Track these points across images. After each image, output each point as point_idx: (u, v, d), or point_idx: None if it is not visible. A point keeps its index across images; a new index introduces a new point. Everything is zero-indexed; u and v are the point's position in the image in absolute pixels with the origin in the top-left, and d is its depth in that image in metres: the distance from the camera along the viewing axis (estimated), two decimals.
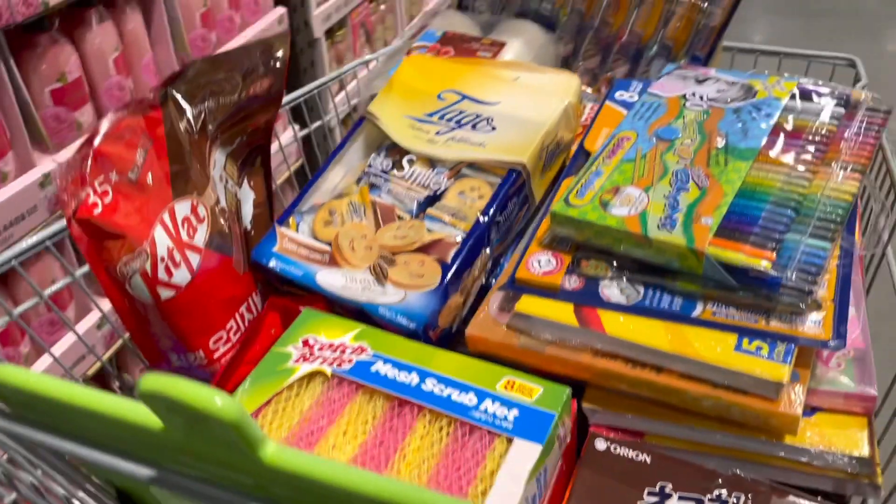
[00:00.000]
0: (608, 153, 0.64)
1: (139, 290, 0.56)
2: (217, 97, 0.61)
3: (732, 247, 0.54)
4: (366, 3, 1.99)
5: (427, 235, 0.63)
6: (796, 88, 0.66)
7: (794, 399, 0.51)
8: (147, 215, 0.56)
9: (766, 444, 0.53)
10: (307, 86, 0.90)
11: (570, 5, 0.97)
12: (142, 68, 1.23)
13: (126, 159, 0.55)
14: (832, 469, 0.53)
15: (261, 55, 0.64)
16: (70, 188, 0.52)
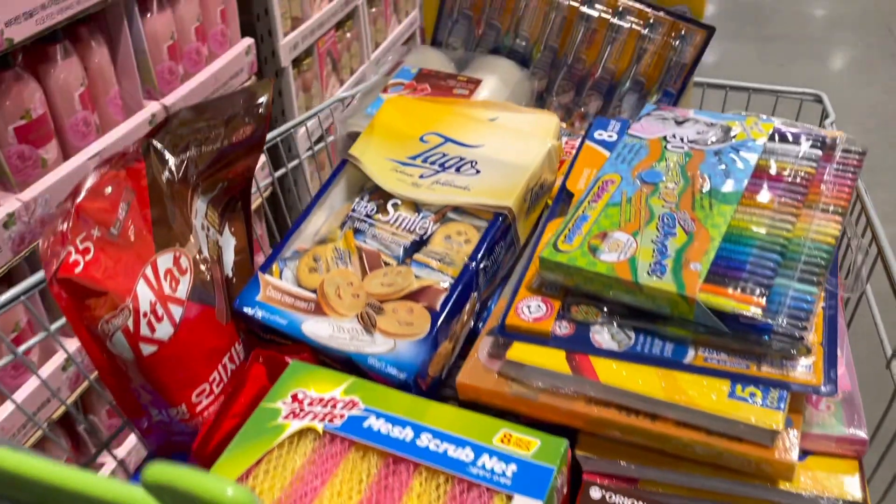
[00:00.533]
0: (593, 196, 0.64)
1: (121, 348, 0.55)
2: (200, 146, 0.59)
3: (723, 293, 0.54)
4: (332, 32, 1.98)
5: (415, 282, 0.62)
6: (774, 130, 0.68)
7: (788, 445, 0.51)
8: (129, 270, 0.54)
9: (760, 489, 0.54)
10: (283, 126, 0.89)
11: (544, 42, 0.98)
12: (108, 102, 1.20)
13: (108, 214, 0.53)
14: None
15: (244, 102, 0.63)
16: (52, 247, 0.50)
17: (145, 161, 0.57)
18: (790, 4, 3.80)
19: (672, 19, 0.92)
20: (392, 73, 0.97)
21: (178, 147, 0.58)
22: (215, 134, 0.60)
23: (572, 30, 0.96)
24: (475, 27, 1.01)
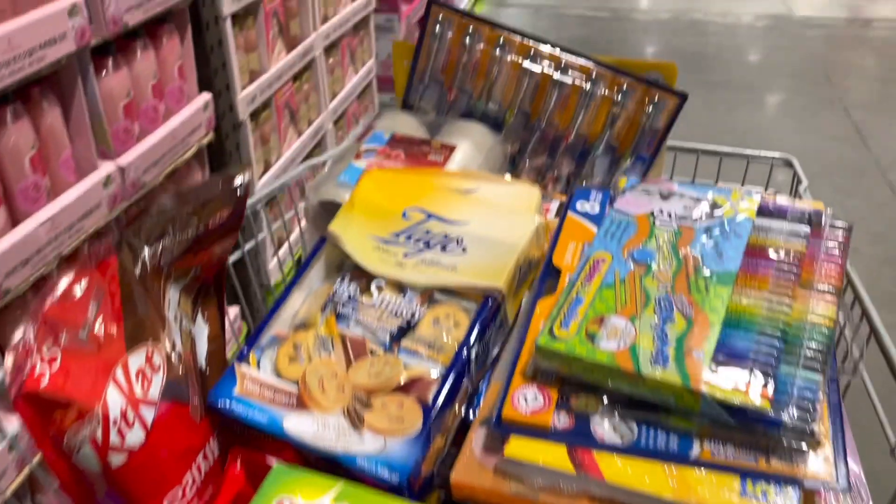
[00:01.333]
0: (586, 277, 0.62)
1: (87, 461, 0.50)
2: (175, 234, 0.56)
3: (729, 385, 0.53)
4: (290, 84, 1.96)
5: (404, 373, 0.59)
6: (760, 205, 0.67)
7: None
8: (99, 375, 0.50)
9: None
10: (253, 197, 0.86)
11: (517, 106, 0.97)
12: (60, 165, 1.15)
13: (77, 317, 0.49)
14: None
15: (222, 185, 0.59)
16: (17, 361, 0.46)
17: (117, 255, 0.53)
18: (731, 53, 3.94)
19: (645, 86, 0.92)
20: (364, 138, 0.94)
21: (153, 237, 0.55)
22: (191, 220, 0.57)
23: (545, 95, 0.95)
24: (447, 92, 0.99)
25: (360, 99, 2.56)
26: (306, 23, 2.01)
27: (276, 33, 1.87)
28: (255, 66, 1.78)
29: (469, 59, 0.96)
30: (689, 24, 4.31)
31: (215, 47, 1.57)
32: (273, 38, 1.86)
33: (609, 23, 4.37)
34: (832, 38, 4.13)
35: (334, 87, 2.30)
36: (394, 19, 2.78)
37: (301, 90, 2.05)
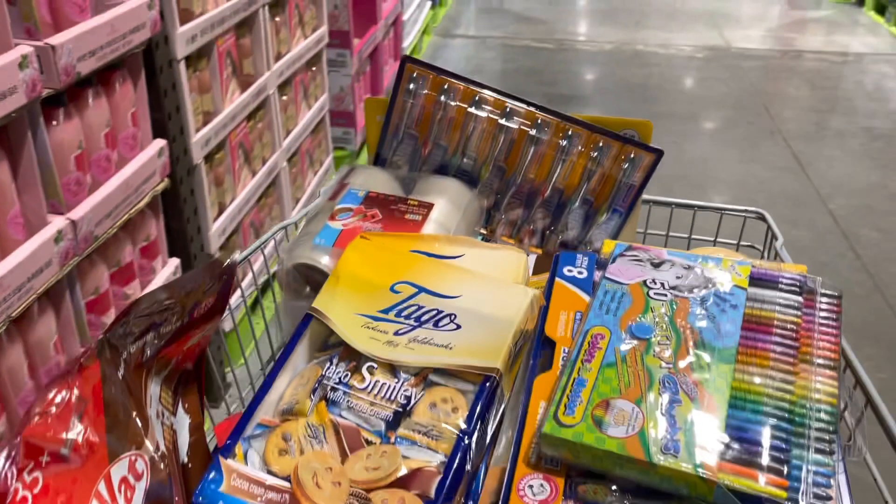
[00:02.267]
0: (586, 356, 0.61)
1: None
2: (159, 328, 0.52)
3: (743, 473, 0.52)
4: (244, 123, 1.92)
5: (403, 464, 0.56)
6: (751, 273, 0.67)
7: None
8: (82, 492, 0.46)
9: None
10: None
11: (492, 161, 0.96)
12: (8, 222, 1.09)
13: (59, 433, 0.45)
14: None
15: (207, 273, 0.56)
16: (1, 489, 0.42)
17: (99, 361, 0.49)
18: (673, 83, 4.04)
19: (621, 143, 0.92)
20: (337, 197, 0.92)
21: (136, 335, 0.51)
22: (175, 311, 0.53)
23: (521, 150, 0.94)
24: (421, 147, 0.98)
25: (313, 134, 2.53)
26: (260, 61, 1.98)
27: (229, 73, 1.83)
28: (209, 108, 1.74)
29: (444, 114, 0.95)
30: (632, 55, 4.41)
31: (169, 91, 1.53)
32: (227, 78, 1.82)
33: (555, 53, 4.44)
34: (768, 70, 4.28)
35: (288, 125, 2.26)
36: (346, 54, 2.76)
37: (255, 129, 2.01)
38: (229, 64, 1.83)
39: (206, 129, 1.69)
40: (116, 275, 1.38)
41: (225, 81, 1.80)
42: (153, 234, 1.49)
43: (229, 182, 1.88)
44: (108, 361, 0.49)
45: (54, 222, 1.17)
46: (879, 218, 2.76)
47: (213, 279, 0.57)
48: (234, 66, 1.86)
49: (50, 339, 1.19)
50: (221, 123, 1.76)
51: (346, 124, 2.90)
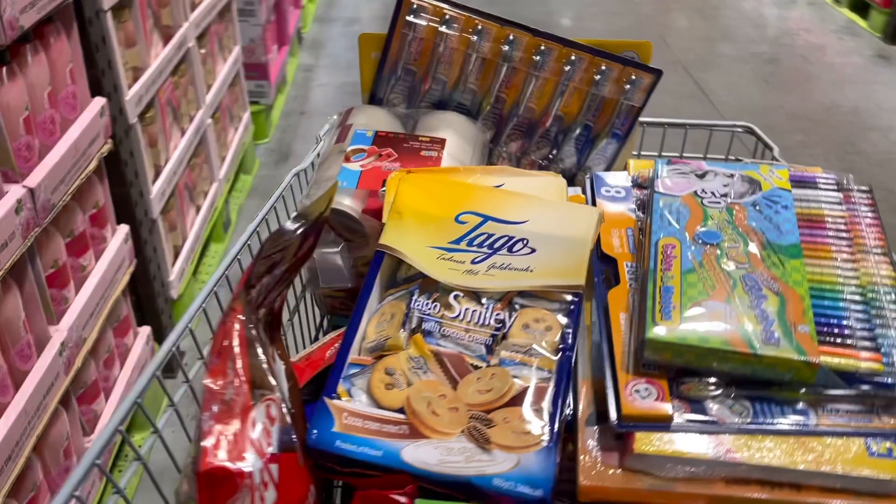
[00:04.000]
0: (664, 266, 0.63)
1: None
2: (274, 269, 0.50)
3: (840, 353, 0.56)
4: (169, 79, 1.81)
5: (515, 383, 0.57)
6: (790, 177, 0.71)
7: None
8: (240, 438, 0.44)
9: None
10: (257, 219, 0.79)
11: (494, 94, 0.96)
12: None
13: (223, 379, 0.43)
14: None
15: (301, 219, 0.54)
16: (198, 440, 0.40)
17: (243, 310, 0.46)
18: (574, 21, 4.10)
19: (622, 65, 0.93)
20: (346, 140, 0.89)
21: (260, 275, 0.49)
22: (288, 252, 0.51)
23: (523, 81, 0.94)
24: (420, 83, 0.96)
25: (231, 89, 2.42)
26: (178, 11, 1.86)
27: (151, 25, 1.72)
28: (137, 63, 1.63)
29: (445, 46, 0.93)
30: None
31: (100, 45, 1.42)
32: (150, 30, 1.71)
33: None
34: (659, 2, 4.41)
35: (208, 79, 2.16)
36: (254, 2, 2.64)
37: (180, 85, 1.91)
38: (150, 15, 1.71)
39: (138, 85, 1.59)
40: (71, 245, 1.30)
41: (148, 34, 1.69)
42: (101, 200, 1.40)
43: (162, 142, 1.78)
44: (247, 304, 0.47)
45: (11, 191, 1.08)
46: (780, 136, 2.94)
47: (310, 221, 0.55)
48: (154, 17, 1.74)
49: (19, 318, 1.11)
50: (151, 79, 1.66)
51: (259, 77, 2.79)
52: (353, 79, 3.34)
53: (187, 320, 0.60)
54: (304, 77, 3.39)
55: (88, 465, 0.46)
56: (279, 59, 3.05)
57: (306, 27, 3.86)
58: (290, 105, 3.14)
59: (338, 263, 0.82)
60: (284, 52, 3.18)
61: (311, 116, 3.05)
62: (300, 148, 2.80)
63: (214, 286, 0.65)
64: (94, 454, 0.46)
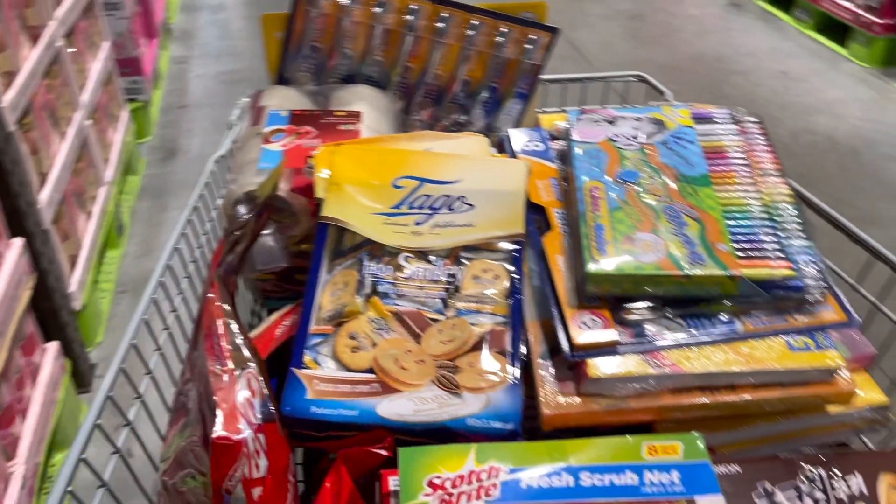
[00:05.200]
0: (591, 206, 0.67)
1: (238, 503, 0.46)
2: (235, 246, 0.51)
3: (757, 265, 0.62)
4: (43, 82, 1.72)
5: (475, 330, 0.60)
6: (692, 114, 0.77)
7: (844, 376, 0.61)
8: (233, 409, 0.45)
9: (816, 418, 0.63)
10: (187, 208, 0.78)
11: (401, 64, 0.98)
12: None
13: (213, 351, 0.44)
14: (859, 421, 0.65)
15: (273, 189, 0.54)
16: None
17: (218, 288, 0.47)
18: None
19: (520, 26, 0.97)
20: (261, 122, 0.89)
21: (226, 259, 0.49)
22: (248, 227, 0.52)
23: (429, 49, 0.97)
24: (326, 59, 0.97)
25: (105, 87, 2.32)
26: (44, 10, 1.76)
27: (18, 27, 1.63)
28: (9, 67, 1.54)
29: (348, 21, 0.94)
30: None
31: None
32: (17, 32, 1.61)
33: None
34: None
35: (80, 79, 2.06)
36: None
37: (53, 87, 1.81)
38: (17, 16, 1.62)
39: (13, 91, 1.50)
40: None
41: (16, 36, 1.60)
42: None
43: (44, 149, 1.69)
44: (221, 281, 0.48)
45: None
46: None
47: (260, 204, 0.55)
48: (21, 18, 1.65)
49: None
50: (25, 83, 1.57)
51: (133, 72, 2.68)
52: (229, 67, 3.25)
53: (132, 334, 0.60)
54: (178, 69, 3.27)
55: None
56: (151, 53, 2.93)
57: (173, 18, 3.71)
58: (168, 99, 3.03)
59: (271, 245, 0.82)
60: (155, 44, 3.06)
61: (193, 109, 2.96)
62: (186, 143, 2.72)
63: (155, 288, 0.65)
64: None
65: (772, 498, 0.59)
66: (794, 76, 3.07)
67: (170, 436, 0.52)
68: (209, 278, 0.47)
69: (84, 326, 1.80)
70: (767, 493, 0.59)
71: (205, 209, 0.83)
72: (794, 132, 2.65)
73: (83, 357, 1.72)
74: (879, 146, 2.56)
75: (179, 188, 2.43)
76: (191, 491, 0.46)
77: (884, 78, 3.01)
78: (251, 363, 0.50)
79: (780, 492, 0.59)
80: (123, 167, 2.40)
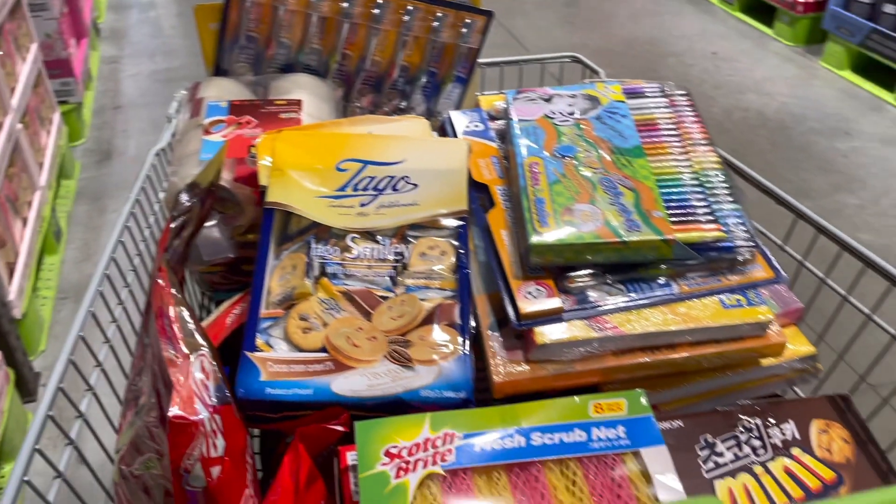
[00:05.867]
0: (532, 181, 0.70)
1: (196, 481, 0.46)
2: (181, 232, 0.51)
3: (689, 229, 0.65)
4: None
5: (424, 305, 0.62)
6: (623, 90, 0.80)
7: (775, 329, 0.64)
8: (189, 389, 0.45)
9: (751, 372, 0.67)
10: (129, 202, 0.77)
11: (339, 52, 0.98)
12: None
13: (164, 331, 0.44)
14: (790, 372, 0.68)
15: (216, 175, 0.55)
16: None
17: (167, 271, 0.47)
18: None
19: (455, 10, 0.99)
20: (200, 114, 0.89)
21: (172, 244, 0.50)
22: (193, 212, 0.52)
23: (366, 36, 0.98)
24: (265, 48, 0.97)
25: (35, 90, 2.25)
26: None
27: None
28: None
29: (284, 10, 0.95)
30: None
31: None
32: None
33: None
34: None
35: (9, 82, 2.00)
36: None
37: None
38: None
39: None
40: None
41: None
42: None
43: None
44: (168, 266, 0.48)
45: None
46: None
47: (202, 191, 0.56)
48: None
49: None
50: None
51: (63, 73, 2.61)
52: (163, 66, 3.19)
53: (69, 350, 0.59)
54: (110, 70, 3.20)
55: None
56: (80, 54, 2.86)
57: (101, 17, 3.62)
58: (100, 101, 2.95)
59: (217, 237, 0.82)
60: (85, 44, 2.98)
61: (128, 110, 2.89)
62: (123, 144, 2.66)
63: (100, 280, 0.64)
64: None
65: (713, 448, 0.62)
66: (724, 56, 3.16)
67: (123, 426, 0.52)
68: (156, 263, 0.48)
69: (26, 335, 1.76)
70: (709, 444, 0.63)
71: (147, 203, 0.82)
72: (726, 110, 2.74)
73: (27, 365, 1.68)
74: (807, 121, 2.66)
75: (117, 190, 2.38)
76: (149, 475, 0.47)
77: (808, 56, 3.12)
78: (204, 347, 0.51)
79: (721, 442, 0.63)
80: (58, 171, 2.34)
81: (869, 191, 2.28)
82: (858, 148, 2.50)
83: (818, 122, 2.65)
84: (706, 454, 0.62)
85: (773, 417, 0.64)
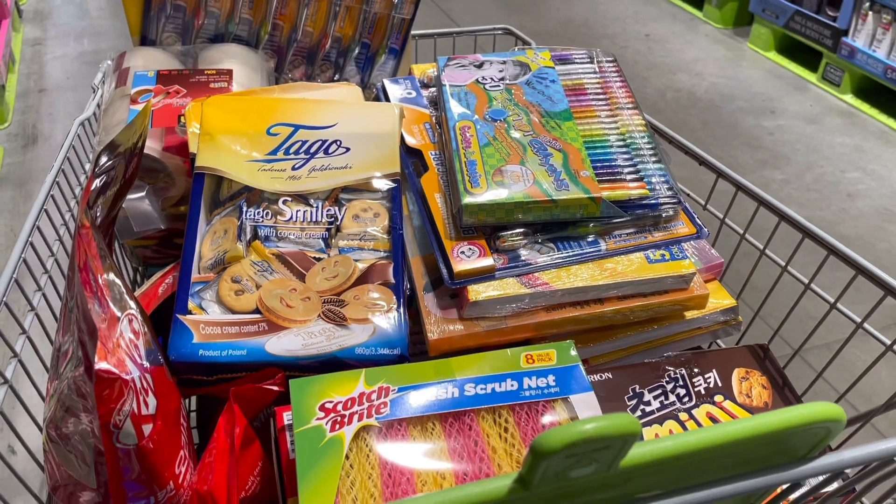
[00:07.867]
0: (463, 143, 0.70)
1: (127, 438, 0.46)
2: (107, 190, 0.50)
3: (616, 188, 0.67)
4: None
5: (358, 265, 0.62)
6: (552, 56, 0.81)
7: (697, 282, 0.67)
8: (116, 346, 0.45)
9: (676, 325, 0.69)
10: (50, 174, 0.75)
11: (270, 22, 0.97)
12: None
13: (90, 288, 0.43)
14: (713, 324, 0.71)
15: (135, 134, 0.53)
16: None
17: (90, 227, 0.46)
18: None
19: None
20: (126, 83, 0.87)
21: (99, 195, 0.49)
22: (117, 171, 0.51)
23: (296, 5, 0.97)
24: (193, 18, 0.95)
25: None
26: None
27: None
28: None
29: None
30: None
31: None
32: None
33: None
34: None
35: None
36: None
37: None
38: None
39: None
40: None
41: None
42: None
43: None
44: (92, 221, 0.47)
45: None
46: None
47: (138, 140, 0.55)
48: None
49: None
50: None
51: None
52: (90, 47, 3.09)
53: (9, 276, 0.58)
54: (33, 52, 3.08)
55: None
56: (2, 35, 2.75)
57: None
58: (24, 84, 2.85)
59: (147, 208, 0.81)
60: (6, 26, 2.86)
61: (53, 93, 2.80)
62: (49, 128, 2.57)
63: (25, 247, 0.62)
64: None
65: (640, 398, 0.65)
66: (656, 38, 3.22)
67: (50, 390, 0.51)
68: (79, 219, 0.47)
69: None
70: (637, 394, 0.65)
71: (68, 187, 0.80)
72: (659, 90, 2.80)
73: None
74: (735, 101, 2.74)
75: (43, 175, 2.30)
76: (79, 433, 0.46)
77: (736, 38, 3.21)
78: (133, 309, 0.50)
79: (648, 392, 0.65)
80: None
81: (793, 166, 2.37)
82: (783, 126, 2.60)
83: (746, 102, 2.74)
84: (634, 403, 0.64)
85: (697, 367, 0.67)
